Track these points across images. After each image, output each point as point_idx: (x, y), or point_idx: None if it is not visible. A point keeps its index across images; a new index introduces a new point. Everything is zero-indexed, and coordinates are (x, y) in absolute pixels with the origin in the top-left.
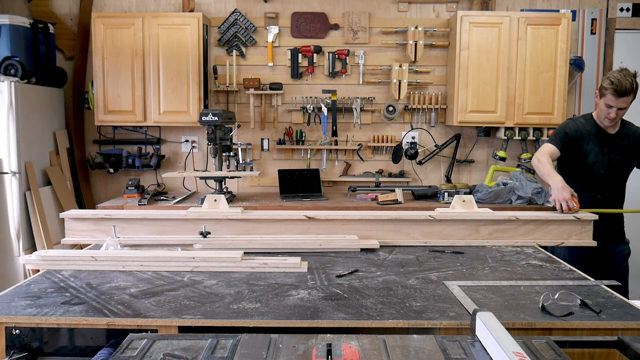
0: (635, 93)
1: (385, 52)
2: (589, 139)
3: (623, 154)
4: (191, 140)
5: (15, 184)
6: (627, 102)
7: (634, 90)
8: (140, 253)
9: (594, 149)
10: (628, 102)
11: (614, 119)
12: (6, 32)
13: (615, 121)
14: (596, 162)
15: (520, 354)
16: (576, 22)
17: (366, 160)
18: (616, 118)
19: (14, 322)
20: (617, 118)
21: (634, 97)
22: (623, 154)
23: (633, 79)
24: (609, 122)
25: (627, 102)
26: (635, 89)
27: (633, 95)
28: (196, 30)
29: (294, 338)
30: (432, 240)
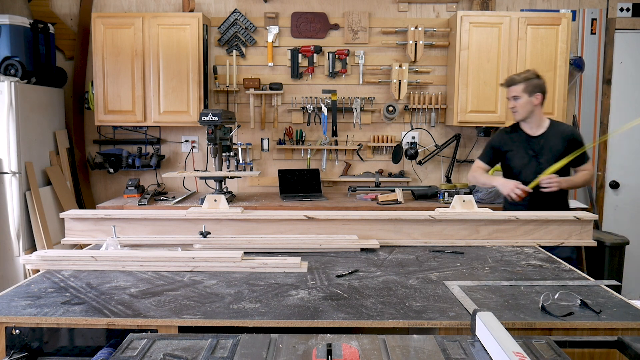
0: (525, 82)
1: (385, 52)
2: (514, 145)
3: (550, 155)
4: (191, 140)
5: (15, 184)
6: (517, 91)
7: (521, 79)
8: (140, 253)
9: (518, 154)
10: (518, 90)
11: (514, 107)
12: (6, 32)
13: (517, 111)
14: (522, 167)
15: (520, 354)
16: (576, 22)
17: (366, 160)
18: (515, 107)
19: (14, 322)
20: (518, 107)
21: (525, 85)
22: (550, 155)
23: (524, 72)
24: (513, 114)
25: (517, 91)
26: (524, 79)
27: (523, 84)
28: (196, 30)
29: (294, 338)
30: (432, 240)
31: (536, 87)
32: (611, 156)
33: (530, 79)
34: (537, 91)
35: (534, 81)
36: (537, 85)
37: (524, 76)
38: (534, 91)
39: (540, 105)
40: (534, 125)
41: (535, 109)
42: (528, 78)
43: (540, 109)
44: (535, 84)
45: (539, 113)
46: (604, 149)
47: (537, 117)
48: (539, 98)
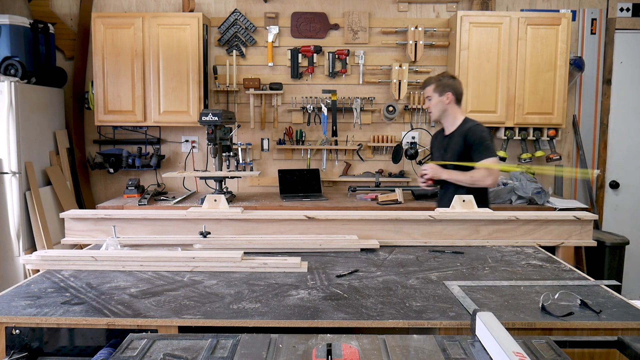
0: (436, 82)
1: (385, 52)
2: (436, 145)
3: (452, 153)
4: (191, 140)
5: (15, 184)
6: (429, 92)
7: (433, 80)
8: (140, 253)
9: (436, 153)
10: (430, 91)
11: (428, 107)
12: (6, 32)
13: (431, 111)
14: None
15: (520, 354)
16: (576, 22)
17: (366, 160)
18: (429, 107)
19: (14, 322)
20: (431, 107)
21: (435, 85)
22: (453, 153)
23: (438, 74)
24: (429, 114)
25: (429, 92)
26: (435, 80)
27: (434, 85)
28: (196, 30)
29: (294, 338)
30: (432, 240)
31: (446, 87)
32: (611, 156)
33: (441, 79)
34: (447, 90)
35: (445, 81)
36: (448, 85)
37: (436, 77)
38: (444, 91)
39: (454, 105)
40: (448, 124)
41: (448, 108)
42: (440, 79)
43: (453, 108)
44: (446, 83)
45: (452, 112)
46: (603, 148)
47: (450, 117)
48: (449, 97)
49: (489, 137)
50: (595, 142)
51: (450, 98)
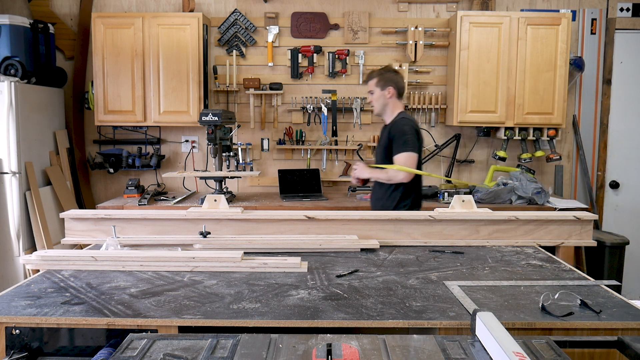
0: (378, 76)
1: (385, 52)
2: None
3: (381, 149)
4: (191, 140)
5: (15, 184)
6: (371, 86)
7: (375, 74)
8: (140, 253)
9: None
10: (372, 85)
11: (370, 101)
12: (6, 32)
13: (373, 105)
14: (376, 155)
15: (520, 354)
16: (576, 22)
17: (366, 160)
18: (372, 101)
19: (14, 322)
20: (373, 101)
21: (377, 80)
22: (382, 146)
23: (380, 68)
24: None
25: (371, 86)
26: (377, 74)
27: (376, 79)
28: (196, 30)
29: (294, 338)
30: (432, 240)
31: (388, 81)
32: (611, 156)
33: (383, 74)
34: (389, 85)
35: (387, 75)
36: (390, 79)
37: (378, 71)
38: (386, 85)
39: (396, 99)
40: (387, 117)
41: (389, 102)
42: (381, 73)
43: (394, 102)
44: (388, 78)
45: (392, 106)
46: (603, 148)
47: (390, 111)
48: (391, 92)
49: (410, 131)
50: (595, 142)
51: (392, 92)
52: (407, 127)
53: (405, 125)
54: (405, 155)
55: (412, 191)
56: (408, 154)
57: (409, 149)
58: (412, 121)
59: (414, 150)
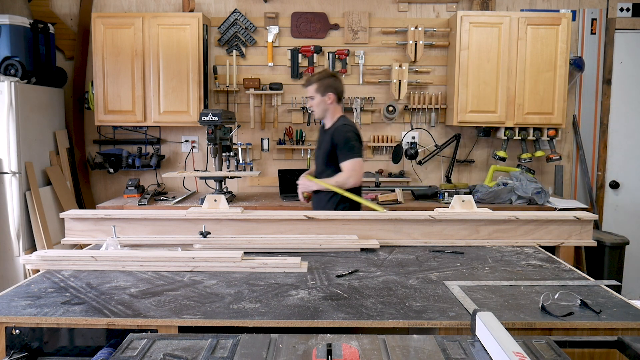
0: (317, 82)
1: (385, 52)
2: (319, 138)
3: (321, 152)
4: (191, 140)
5: (15, 184)
6: (311, 91)
7: (315, 80)
8: (140, 253)
9: (316, 149)
10: (312, 90)
11: (310, 106)
12: (6, 32)
13: (313, 110)
14: (315, 158)
15: (520, 354)
16: (576, 22)
17: (366, 160)
18: (312, 106)
19: (14, 322)
20: (313, 107)
21: (317, 85)
22: (324, 150)
23: (318, 72)
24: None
25: (311, 91)
26: (317, 79)
27: (316, 85)
28: (196, 30)
29: (294, 338)
30: (432, 240)
31: (328, 87)
32: (611, 156)
33: (323, 79)
34: (329, 91)
35: (326, 81)
36: (330, 85)
37: (317, 76)
38: (326, 91)
39: (336, 104)
40: (328, 122)
41: (330, 107)
42: (320, 78)
43: (334, 107)
44: (328, 84)
45: (332, 111)
46: (603, 148)
47: (330, 115)
48: (331, 97)
49: (353, 137)
50: (595, 142)
51: (332, 98)
52: (350, 133)
53: (348, 132)
54: (353, 162)
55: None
56: (355, 160)
57: (356, 155)
58: (353, 126)
59: (359, 156)
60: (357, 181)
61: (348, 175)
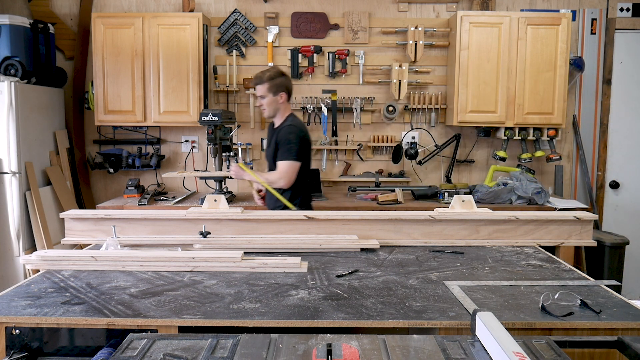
0: (269, 81)
1: (385, 52)
2: (268, 135)
3: (270, 147)
4: (191, 140)
5: (15, 184)
6: (262, 90)
7: (266, 79)
8: (140, 253)
9: (267, 145)
10: (264, 90)
11: (261, 105)
12: (6, 32)
13: (264, 109)
14: (266, 156)
15: (520, 354)
16: (576, 22)
17: (366, 160)
18: (262, 105)
19: (14, 322)
20: (265, 107)
21: (269, 85)
22: (271, 147)
23: (269, 71)
24: (262, 112)
25: (262, 90)
26: (268, 78)
27: (267, 84)
28: (196, 30)
29: (294, 338)
30: (432, 240)
31: (280, 87)
32: (611, 156)
33: (275, 78)
34: (281, 90)
35: (278, 80)
36: (281, 84)
37: (269, 75)
38: (278, 90)
39: (287, 102)
40: (277, 121)
41: (281, 107)
42: (272, 77)
43: (285, 106)
44: (280, 83)
45: (283, 110)
46: (603, 148)
47: (280, 115)
48: (283, 97)
49: (294, 139)
50: (595, 142)
51: (284, 97)
52: (293, 135)
53: (291, 133)
54: (287, 164)
55: (300, 192)
56: (290, 163)
57: (292, 158)
58: (298, 127)
59: (295, 159)
60: (287, 183)
61: (279, 177)
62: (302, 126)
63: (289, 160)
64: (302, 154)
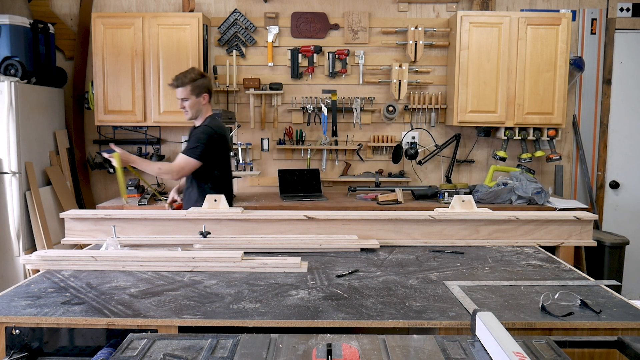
0: (191, 83)
1: (385, 52)
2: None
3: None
4: None
5: (15, 184)
6: (185, 93)
7: (188, 81)
8: (140, 253)
9: None
10: (186, 92)
11: (183, 108)
12: (6, 32)
13: (187, 111)
14: None
15: (520, 354)
16: (576, 22)
17: (366, 160)
18: (185, 107)
19: (14, 322)
20: (188, 110)
21: (191, 87)
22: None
23: (190, 73)
24: (184, 114)
25: (185, 93)
26: (190, 80)
27: (190, 86)
28: (196, 30)
29: (294, 338)
30: (432, 240)
31: (203, 88)
32: (611, 156)
33: (196, 80)
34: (204, 92)
35: (200, 81)
36: (204, 85)
37: (190, 77)
38: (201, 92)
39: (208, 104)
40: (198, 122)
41: (203, 108)
42: (194, 79)
43: (207, 106)
44: (201, 84)
45: (205, 111)
46: (603, 148)
47: (202, 115)
48: (205, 98)
49: (204, 139)
50: (595, 142)
51: (207, 98)
52: (205, 135)
53: (204, 133)
54: (185, 159)
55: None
56: (188, 159)
57: (192, 155)
58: (214, 129)
59: (195, 158)
60: (175, 177)
61: (171, 169)
62: (220, 128)
63: (188, 156)
64: (207, 156)
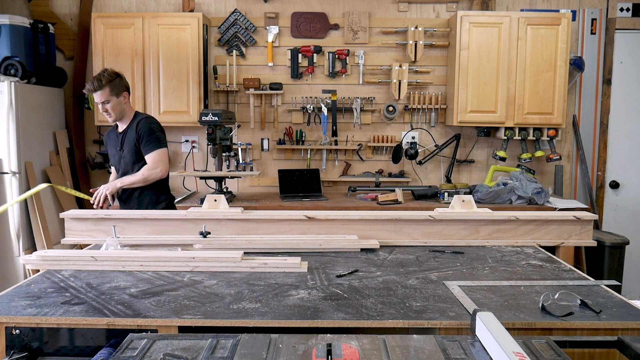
0: (109, 85)
1: (385, 52)
2: (110, 144)
3: (129, 148)
4: (191, 140)
5: (15, 184)
6: (105, 95)
7: (105, 83)
8: (140, 253)
9: (112, 151)
10: (106, 94)
11: (107, 112)
12: (6, 32)
13: (110, 114)
14: (115, 164)
15: (520, 354)
16: (576, 22)
17: (366, 160)
18: (109, 112)
19: (14, 322)
20: (111, 112)
21: (110, 88)
22: (129, 148)
23: (105, 75)
24: (107, 118)
25: (105, 95)
26: (107, 81)
27: (108, 88)
28: (196, 30)
29: (294, 338)
30: (432, 240)
31: (121, 87)
32: (611, 156)
33: (113, 80)
34: (123, 91)
35: (117, 81)
36: (122, 85)
37: (106, 78)
38: (120, 92)
39: (129, 102)
40: (125, 122)
41: (126, 107)
42: (111, 80)
43: (129, 105)
44: (119, 84)
45: (128, 110)
46: (603, 148)
47: (127, 115)
48: (126, 97)
49: (157, 128)
50: (595, 142)
51: (127, 96)
52: (155, 124)
53: (152, 123)
54: (159, 152)
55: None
56: (161, 150)
57: (161, 145)
58: (154, 118)
59: (165, 146)
60: (164, 172)
61: (155, 166)
62: (156, 120)
63: (160, 148)
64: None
